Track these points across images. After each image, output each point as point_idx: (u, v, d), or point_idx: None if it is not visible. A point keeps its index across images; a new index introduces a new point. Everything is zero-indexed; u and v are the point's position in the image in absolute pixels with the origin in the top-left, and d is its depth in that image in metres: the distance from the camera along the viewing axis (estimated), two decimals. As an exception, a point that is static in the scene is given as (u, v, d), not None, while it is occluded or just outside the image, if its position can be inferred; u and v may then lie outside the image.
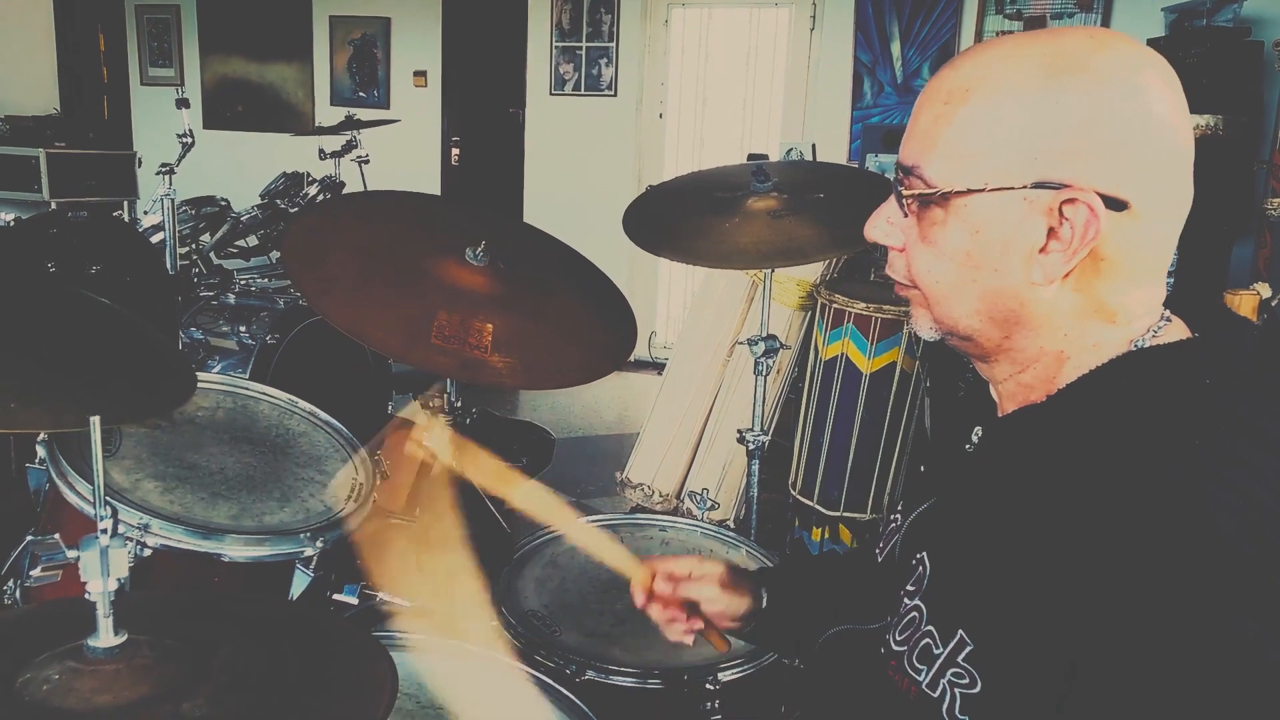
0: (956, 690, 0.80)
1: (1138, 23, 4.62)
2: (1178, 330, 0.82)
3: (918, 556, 0.93)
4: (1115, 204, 0.74)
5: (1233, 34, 4.02)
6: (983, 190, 0.77)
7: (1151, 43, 4.25)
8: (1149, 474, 0.71)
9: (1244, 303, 2.59)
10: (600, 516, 1.87)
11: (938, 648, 0.84)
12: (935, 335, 0.88)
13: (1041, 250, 0.77)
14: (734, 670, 1.43)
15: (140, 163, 5.35)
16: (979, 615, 0.81)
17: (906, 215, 0.83)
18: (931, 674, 0.84)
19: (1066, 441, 0.80)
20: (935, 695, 0.82)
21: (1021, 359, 0.85)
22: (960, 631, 0.81)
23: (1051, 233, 0.76)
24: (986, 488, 0.88)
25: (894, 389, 3.01)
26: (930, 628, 0.86)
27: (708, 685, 1.40)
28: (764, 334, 2.16)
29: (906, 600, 0.92)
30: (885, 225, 0.87)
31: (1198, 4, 4.09)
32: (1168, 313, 0.83)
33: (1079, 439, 0.79)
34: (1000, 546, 0.80)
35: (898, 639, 0.91)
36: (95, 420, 0.71)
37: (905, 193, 0.81)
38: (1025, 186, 0.76)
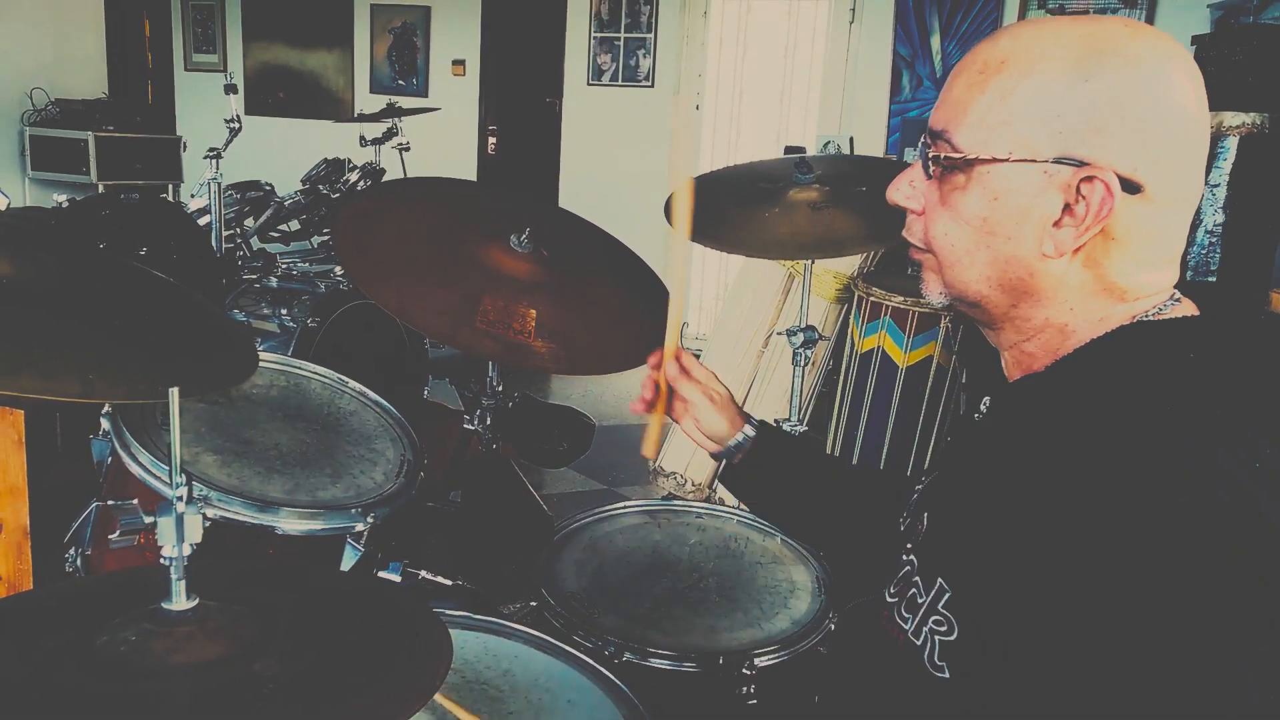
0: (936, 638, 0.84)
1: (1183, 19, 4.56)
2: (1186, 310, 0.84)
3: (922, 517, 0.97)
4: (1131, 186, 0.77)
5: (1281, 31, 3.96)
6: (1006, 160, 0.80)
7: (1196, 39, 4.19)
8: (1131, 440, 0.74)
9: (1288, 303, 2.55)
10: (637, 502, 1.89)
11: (921, 597, 0.88)
12: (944, 300, 0.91)
13: (1055, 224, 0.80)
14: (771, 656, 1.45)
15: (185, 147, 5.43)
16: (959, 563, 0.85)
17: (930, 178, 0.86)
18: (915, 622, 0.88)
19: (1063, 406, 0.82)
20: (919, 644, 0.86)
21: (1027, 328, 0.87)
22: (939, 579, 0.85)
23: (1067, 208, 0.79)
24: (987, 451, 0.91)
25: (930, 383, 3.01)
26: (918, 579, 0.90)
27: (744, 670, 1.42)
28: (803, 324, 2.17)
29: (904, 556, 0.97)
30: (908, 188, 0.90)
31: (1244, 0, 4.03)
32: (1178, 294, 0.85)
33: (1074, 404, 0.81)
34: (989, 502, 0.83)
35: (892, 591, 0.96)
36: (174, 391, 0.74)
37: (933, 155, 0.84)
38: (1047, 160, 0.79)
